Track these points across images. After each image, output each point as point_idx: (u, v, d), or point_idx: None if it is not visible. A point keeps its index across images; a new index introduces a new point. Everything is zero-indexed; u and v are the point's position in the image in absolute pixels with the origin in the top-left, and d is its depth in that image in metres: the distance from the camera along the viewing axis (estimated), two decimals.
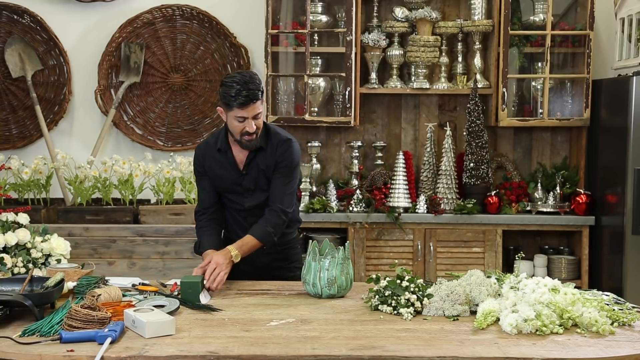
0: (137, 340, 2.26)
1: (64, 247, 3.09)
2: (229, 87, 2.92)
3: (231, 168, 3.10)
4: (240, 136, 2.99)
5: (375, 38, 4.74)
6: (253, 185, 3.11)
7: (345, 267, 2.81)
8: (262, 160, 3.09)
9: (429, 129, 4.84)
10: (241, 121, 2.95)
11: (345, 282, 2.81)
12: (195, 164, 3.18)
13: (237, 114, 2.93)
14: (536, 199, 4.71)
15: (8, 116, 4.98)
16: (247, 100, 2.91)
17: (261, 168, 3.09)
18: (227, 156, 3.10)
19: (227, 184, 3.12)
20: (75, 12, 4.94)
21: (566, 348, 2.22)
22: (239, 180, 3.11)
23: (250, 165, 3.09)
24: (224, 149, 3.09)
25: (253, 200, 3.12)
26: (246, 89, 2.90)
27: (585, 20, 4.65)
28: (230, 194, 3.15)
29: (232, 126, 3.00)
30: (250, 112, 2.93)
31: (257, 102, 2.94)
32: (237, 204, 3.15)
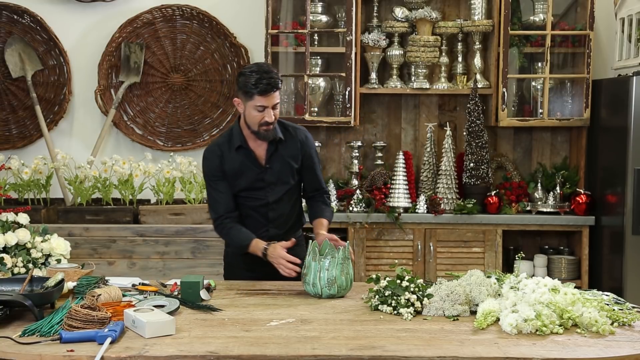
0: (137, 340, 2.26)
1: (64, 247, 3.09)
2: (248, 76, 2.94)
3: (252, 164, 3.09)
4: (258, 126, 2.99)
5: (375, 38, 4.74)
6: (275, 178, 3.11)
7: (346, 267, 2.81)
8: (284, 151, 3.11)
9: (429, 129, 4.84)
10: (261, 110, 2.96)
11: (346, 282, 2.81)
12: (210, 168, 3.11)
13: (257, 103, 2.94)
14: (536, 199, 4.71)
15: (8, 116, 4.98)
16: (268, 88, 2.92)
17: (285, 159, 3.10)
18: (246, 152, 3.09)
19: (248, 181, 3.10)
20: (75, 12, 4.94)
21: (566, 348, 2.22)
22: (261, 175, 3.10)
23: (272, 158, 3.10)
24: (244, 145, 3.08)
25: (276, 193, 3.12)
26: (267, 78, 2.93)
27: (585, 20, 4.65)
28: (251, 190, 3.12)
29: (250, 117, 2.99)
30: (270, 100, 2.95)
31: (276, 92, 2.97)
32: (258, 200, 3.12)
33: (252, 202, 3.14)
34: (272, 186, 3.12)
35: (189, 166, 4.50)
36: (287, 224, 3.20)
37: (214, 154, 3.11)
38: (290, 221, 3.21)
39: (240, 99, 3.01)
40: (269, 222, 3.14)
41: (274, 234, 3.14)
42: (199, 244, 4.31)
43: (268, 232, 3.15)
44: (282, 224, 3.18)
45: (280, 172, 3.12)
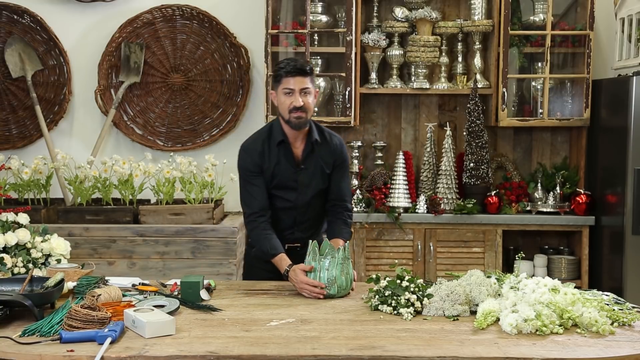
0: (137, 340, 2.26)
1: (64, 247, 3.09)
2: (279, 63, 3.04)
3: (288, 162, 3.10)
4: (288, 113, 3.00)
5: (375, 38, 4.74)
6: (308, 180, 3.11)
7: (345, 267, 2.81)
8: (319, 154, 3.12)
9: (429, 129, 4.84)
10: (288, 93, 2.98)
11: (346, 282, 2.82)
12: (249, 163, 3.09)
13: (285, 86, 2.98)
14: (536, 199, 4.71)
15: (8, 116, 4.98)
16: (295, 70, 2.97)
17: (319, 163, 3.11)
18: (286, 149, 3.10)
19: (282, 180, 3.10)
20: (75, 12, 4.94)
21: (566, 348, 2.22)
22: (295, 175, 3.10)
23: (307, 159, 3.11)
24: (286, 141, 3.09)
25: (305, 196, 3.12)
26: (294, 62, 3.00)
27: (585, 20, 4.65)
28: (283, 190, 3.11)
29: (280, 103, 3.02)
30: (297, 83, 2.97)
31: (305, 77, 2.99)
32: (286, 201, 3.12)
33: (282, 202, 3.13)
34: (304, 188, 3.12)
35: (189, 166, 4.49)
36: (312, 229, 3.20)
37: (253, 149, 3.11)
38: (315, 226, 3.22)
39: (274, 88, 3.07)
40: (296, 224, 3.15)
41: (299, 237, 3.16)
42: (199, 244, 4.31)
43: (293, 234, 3.16)
44: (307, 228, 3.18)
45: (313, 175, 3.12)
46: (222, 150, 4.94)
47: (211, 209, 4.40)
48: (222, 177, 4.57)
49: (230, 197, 4.86)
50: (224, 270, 4.31)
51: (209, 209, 4.40)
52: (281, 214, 3.15)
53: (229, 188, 4.68)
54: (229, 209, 4.95)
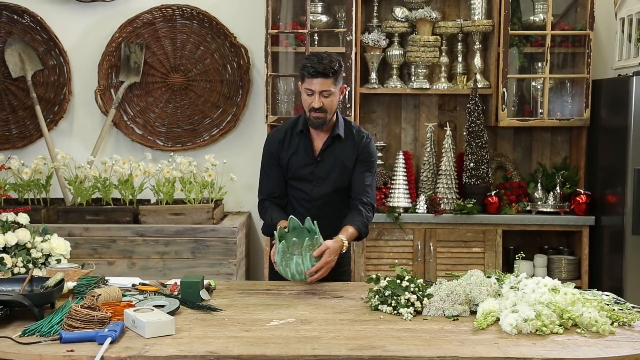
0: (137, 340, 2.26)
1: (64, 247, 3.08)
2: (306, 59, 3.02)
3: (306, 153, 3.11)
4: (309, 112, 3.03)
5: (375, 38, 4.74)
6: (325, 173, 3.11)
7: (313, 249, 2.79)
8: (340, 149, 3.11)
9: (429, 129, 4.84)
10: (309, 94, 3.00)
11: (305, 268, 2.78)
12: (267, 151, 3.16)
13: (306, 86, 3.00)
14: (536, 199, 4.71)
15: (8, 116, 4.98)
16: (316, 73, 2.95)
17: (339, 157, 3.10)
18: (305, 139, 3.11)
19: (299, 170, 3.11)
20: (75, 12, 4.94)
21: (566, 348, 2.22)
22: (312, 167, 3.11)
23: (325, 152, 3.11)
24: (306, 131, 3.11)
25: (321, 190, 3.11)
26: (319, 63, 2.96)
27: (585, 20, 4.65)
28: (299, 181, 3.12)
29: (303, 100, 3.05)
30: (317, 85, 2.97)
31: (327, 79, 2.97)
32: (303, 193, 3.13)
33: (298, 193, 3.14)
34: (320, 181, 3.11)
35: (189, 166, 4.49)
36: (330, 226, 3.01)
37: (275, 138, 3.16)
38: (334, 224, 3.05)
39: (300, 83, 3.07)
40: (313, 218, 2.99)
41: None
42: (199, 244, 4.31)
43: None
44: (325, 225, 2.95)
45: (330, 169, 3.11)
46: (222, 150, 4.94)
47: (211, 209, 4.40)
48: (222, 177, 4.57)
49: (230, 197, 4.87)
50: (224, 270, 4.31)
51: (209, 209, 4.40)
52: (298, 206, 3.15)
53: (229, 188, 4.68)
54: (229, 209, 4.95)
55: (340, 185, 3.13)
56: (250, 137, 4.99)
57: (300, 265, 2.79)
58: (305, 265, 2.80)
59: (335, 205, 3.14)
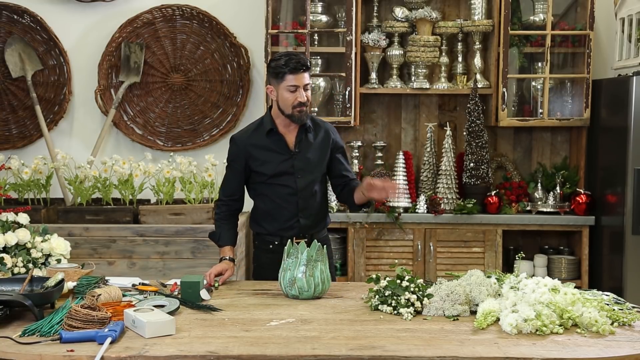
0: (137, 340, 2.26)
1: (64, 247, 3.09)
2: (278, 59, 3.08)
3: (282, 149, 3.16)
4: (292, 109, 3.08)
5: (375, 38, 4.74)
6: (304, 164, 3.17)
7: (310, 268, 2.76)
8: (313, 139, 3.20)
9: (429, 129, 4.84)
10: (293, 91, 3.05)
11: (307, 284, 2.75)
12: (232, 153, 3.23)
13: (289, 83, 3.04)
14: (536, 199, 4.71)
15: (8, 116, 4.98)
16: (298, 66, 3.03)
17: (314, 147, 3.19)
18: (277, 137, 3.17)
19: (278, 166, 3.16)
20: (75, 12, 4.94)
21: (566, 348, 2.22)
22: (291, 161, 3.16)
23: (301, 144, 3.17)
24: (275, 130, 3.16)
25: (304, 180, 3.18)
26: (295, 58, 3.05)
27: (585, 20, 4.65)
28: (280, 176, 3.17)
29: (283, 99, 3.08)
30: (300, 80, 3.04)
31: (306, 72, 3.07)
32: (288, 187, 3.18)
33: (282, 189, 3.18)
34: (301, 172, 3.18)
35: (189, 166, 4.49)
36: (316, 216, 3.24)
37: (239, 142, 3.21)
38: (319, 213, 3.26)
39: (272, 84, 3.12)
40: (299, 211, 3.18)
41: (304, 225, 3.19)
42: (199, 244, 4.31)
43: (299, 222, 3.19)
44: (311, 214, 3.21)
45: (309, 158, 3.19)
46: (222, 150, 4.92)
47: (211, 209, 4.40)
48: (221, 177, 4.55)
49: None
50: None
51: (209, 209, 4.40)
52: (283, 202, 3.19)
53: None
54: None
55: (320, 172, 3.25)
56: None
57: (323, 272, 2.79)
58: (326, 272, 2.80)
59: (317, 194, 3.25)
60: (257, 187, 3.23)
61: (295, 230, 3.17)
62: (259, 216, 3.26)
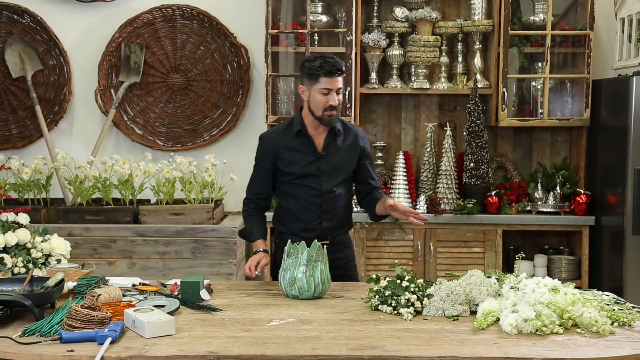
0: (137, 340, 2.26)
1: (64, 247, 3.09)
2: (313, 61, 3.06)
3: (309, 151, 3.16)
4: (322, 111, 3.07)
5: (375, 38, 4.74)
6: (331, 167, 3.17)
7: (310, 269, 2.77)
8: (342, 143, 3.19)
9: (429, 129, 4.84)
10: (325, 93, 3.04)
11: (308, 284, 2.76)
12: (260, 153, 3.22)
13: (322, 85, 3.03)
14: (536, 199, 4.71)
15: (8, 116, 4.98)
16: (334, 70, 3.02)
17: (342, 151, 3.18)
18: (305, 139, 3.16)
19: (304, 168, 3.15)
20: (75, 12, 4.94)
21: (566, 348, 2.22)
22: (318, 163, 3.16)
23: (329, 146, 3.17)
24: (304, 131, 3.15)
25: (330, 183, 3.17)
26: (331, 61, 3.04)
27: (585, 20, 4.65)
28: (306, 178, 3.16)
29: (315, 102, 3.07)
30: (334, 83, 3.04)
31: (341, 76, 3.06)
32: (313, 189, 3.17)
33: (307, 191, 3.17)
34: (327, 175, 3.17)
35: (189, 166, 4.49)
36: (339, 219, 3.24)
37: (273, 140, 3.20)
38: (342, 216, 3.26)
39: (305, 85, 3.10)
40: (323, 213, 3.18)
41: (327, 227, 3.19)
42: (199, 244, 4.31)
43: (321, 224, 3.18)
44: (334, 217, 3.21)
45: (336, 162, 3.18)
46: (222, 150, 4.94)
47: (211, 209, 4.41)
48: (222, 177, 4.57)
49: (231, 197, 4.86)
50: (224, 270, 4.31)
51: (209, 209, 4.40)
52: (307, 204, 3.18)
53: (229, 188, 4.68)
54: (229, 209, 4.95)
55: (346, 176, 3.23)
56: (251, 137, 4.98)
57: (323, 272, 2.79)
58: (326, 272, 2.80)
59: (342, 197, 3.24)
60: (283, 187, 3.22)
61: (317, 232, 3.17)
62: (283, 216, 3.26)
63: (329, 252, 3.11)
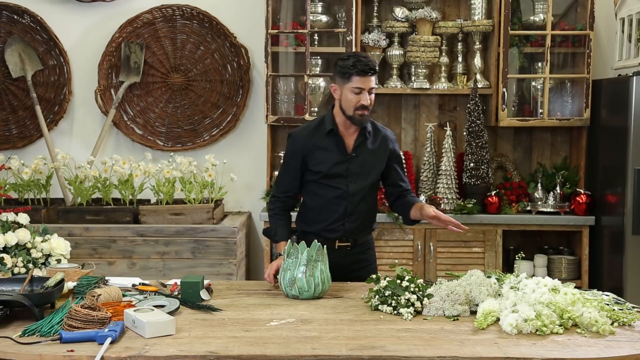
0: (137, 340, 2.26)
1: (64, 247, 3.09)
2: (346, 59, 3.03)
3: (339, 151, 3.12)
4: (353, 110, 3.03)
5: (375, 38, 4.74)
6: (359, 169, 3.14)
7: (310, 269, 2.77)
8: (372, 145, 3.16)
9: (429, 129, 4.84)
10: (357, 93, 3.00)
11: (308, 284, 2.76)
12: (290, 150, 3.18)
13: (354, 84, 2.99)
14: (536, 199, 4.71)
15: (8, 116, 4.98)
16: (366, 69, 2.98)
17: (371, 153, 3.15)
18: (336, 138, 3.13)
19: (332, 168, 3.12)
20: (75, 12, 4.94)
21: (566, 348, 2.22)
22: (346, 164, 3.13)
23: (359, 148, 3.14)
24: (336, 130, 3.12)
25: (357, 185, 3.14)
26: (364, 60, 3.00)
27: (585, 20, 4.65)
28: (332, 179, 3.14)
29: (346, 100, 3.04)
30: (367, 83, 3.00)
31: (373, 76, 3.02)
32: (339, 190, 3.14)
33: (332, 191, 3.14)
34: (354, 177, 3.14)
35: (189, 166, 4.49)
36: (362, 222, 3.21)
37: (303, 137, 3.16)
38: (365, 219, 3.23)
39: (337, 83, 3.07)
40: (347, 215, 3.15)
41: (349, 229, 3.17)
42: (199, 244, 4.31)
43: (344, 226, 3.16)
44: (357, 219, 3.18)
45: (364, 164, 3.15)
46: (222, 150, 4.94)
47: (211, 209, 4.41)
48: (222, 177, 4.57)
49: (231, 197, 4.87)
50: (224, 270, 4.31)
51: (209, 209, 4.40)
52: (332, 204, 3.16)
53: (229, 188, 4.68)
54: (229, 209, 4.95)
55: (374, 179, 3.20)
56: (251, 137, 4.99)
57: (323, 272, 2.79)
58: (326, 272, 2.80)
59: (368, 200, 3.21)
60: (309, 185, 3.19)
61: (339, 233, 3.16)
62: (306, 214, 3.23)
63: (350, 253, 3.12)
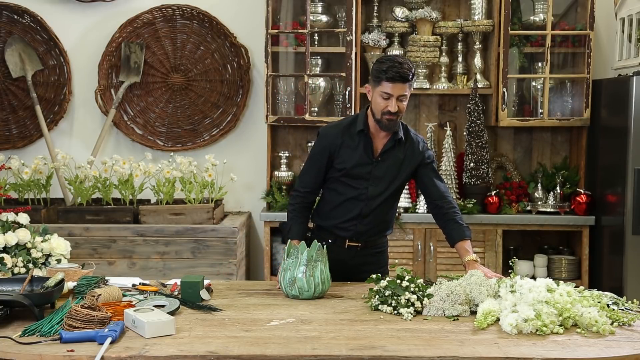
0: (137, 340, 2.26)
1: (64, 247, 3.09)
2: (382, 63, 2.98)
3: (365, 153, 3.09)
4: (381, 115, 3.00)
5: (376, 38, 4.74)
6: (382, 173, 3.10)
7: (310, 269, 2.77)
8: (400, 152, 3.11)
9: (429, 129, 4.84)
10: (385, 98, 2.97)
11: (308, 284, 2.76)
12: (317, 147, 3.14)
13: (383, 89, 2.96)
14: (536, 199, 4.71)
15: (8, 116, 4.98)
16: (397, 77, 2.93)
17: (399, 159, 3.10)
18: (366, 139, 3.09)
19: (356, 167, 3.08)
20: (75, 12, 4.94)
21: (566, 348, 2.22)
22: (370, 167, 3.09)
23: (386, 153, 3.10)
24: (366, 131, 3.09)
25: (377, 189, 3.11)
26: (398, 67, 2.94)
27: (585, 20, 4.65)
28: (354, 179, 3.10)
29: (375, 103, 3.01)
30: (396, 90, 2.95)
31: (405, 84, 2.96)
32: (357, 191, 3.10)
33: (352, 191, 3.11)
34: (376, 181, 3.10)
35: (189, 166, 4.49)
36: (375, 225, 3.17)
37: (333, 134, 3.11)
38: (380, 224, 3.19)
39: (370, 85, 3.05)
40: (361, 216, 3.11)
41: (361, 230, 3.13)
42: (199, 244, 4.31)
43: (356, 226, 3.13)
44: (371, 222, 3.14)
45: (388, 170, 3.11)
46: (222, 150, 4.94)
47: (211, 209, 4.41)
48: (222, 177, 4.57)
49: (231, 197, 4.87)
50: (224, 270, 4.31)
51: (209, 209, 4.40)
52: (349, 204, 3.12)
53: (229, 188, 4.69)
54: (229, 209, 4.95)
55: (395, 186, 3.15)
56: (251, 137, 4.99)
57: (323, 272, 2.79)
58: (326, 272, 2.80)
59: (385, 205, 3.16)
60: (331, 181, 3.16)
61: (350, 233, 3.13)
62: (323, 208, 3.20)
63: (360, 254, 3.10)
